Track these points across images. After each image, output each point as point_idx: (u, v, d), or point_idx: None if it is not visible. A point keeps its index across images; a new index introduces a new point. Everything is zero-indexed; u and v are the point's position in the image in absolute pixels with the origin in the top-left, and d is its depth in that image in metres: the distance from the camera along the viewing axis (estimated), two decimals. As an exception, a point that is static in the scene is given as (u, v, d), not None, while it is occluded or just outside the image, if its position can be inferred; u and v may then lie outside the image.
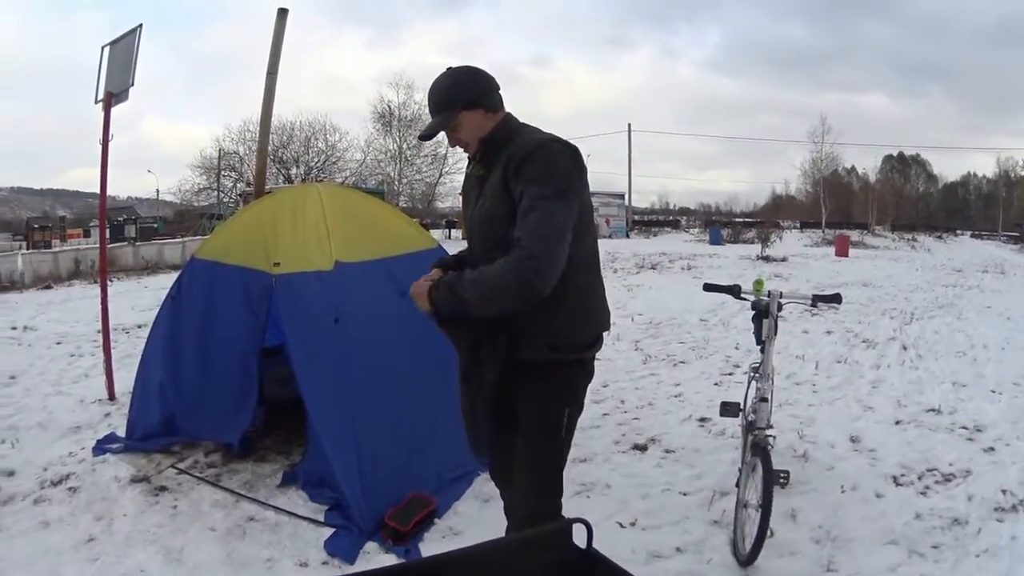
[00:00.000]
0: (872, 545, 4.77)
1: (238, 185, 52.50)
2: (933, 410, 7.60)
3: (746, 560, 4.41)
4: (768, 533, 4.30)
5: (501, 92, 3.38)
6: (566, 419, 3.29)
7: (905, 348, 11.02)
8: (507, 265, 2.93)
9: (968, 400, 8.02)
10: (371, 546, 4.74)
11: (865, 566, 4.52)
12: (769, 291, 5.17)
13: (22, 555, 4.69)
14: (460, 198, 3.82)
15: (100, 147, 7.87)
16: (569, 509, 3.21)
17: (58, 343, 11.45)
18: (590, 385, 3.41)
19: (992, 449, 6.48)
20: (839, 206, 74.86)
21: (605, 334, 3.45)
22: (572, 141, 3.19)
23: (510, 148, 3.18)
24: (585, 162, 3.24)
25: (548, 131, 3.31)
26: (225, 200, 51.98)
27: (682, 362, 10.17)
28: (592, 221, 3.40)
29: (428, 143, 57.85)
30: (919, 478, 5.86)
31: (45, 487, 5.69)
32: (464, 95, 3.26)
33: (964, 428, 7.05)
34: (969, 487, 5.65)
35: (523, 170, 3.05)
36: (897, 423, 7.24)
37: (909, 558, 4.62)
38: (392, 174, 59.69)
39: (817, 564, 4.56)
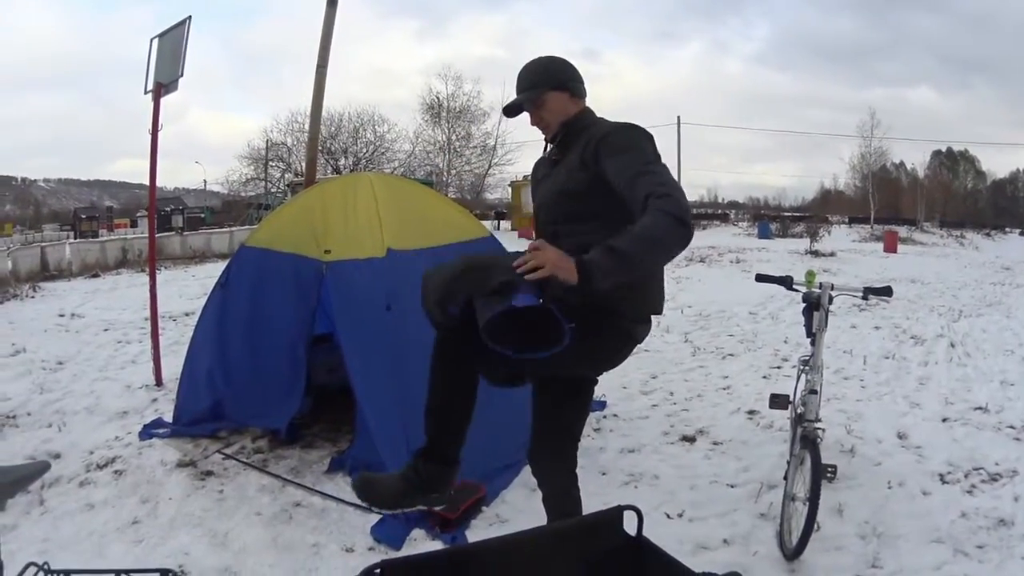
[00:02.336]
0: (917, 543, 4.72)
1: (286, 175, 52.79)
2: (980, 408, 7.51)
3: (792, 554, 4.38)
4: (815, 527, 4.27)
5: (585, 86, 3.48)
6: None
7: (953, 345, 10.88)
8: (659, 211, 2.72)
9: (1016, 399, 7.89)
10: (418, 532, 4.76)
11: (910, 563, 4.47)
12: (820, 283, 5.13)
13: (67, 536, 4.74)
14: (509, 189, 3.82)
15: (149, 137, 7.95)
16: (617, 498, 3.19)
17: (105, 330, 11.60)
18: (639, 376, 3.41)
19: (1040, 450, 6.35)
20: (887, 202, 74.15)
21: (655, 319, 3.44)
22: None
23: (588, 133, 3.23)
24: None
25: None
26: (273, 190, 52.26)
27: (731, 355, 10.14)
28: None
29: (477, 134, 57.78)
30: (965, 476, 5.79)
31: (91, 470, 5.76)
32: (554, 76, 3.39)
33: (1011, 427, 6.94)
34: (1016, 488, 5.56)
35: (609, 144, 3.09)
36: (944, 420, 7.15)
37: (954, 557, 4.55)
38: (441, 165, 59.86)
39: (863, 560, 4.52)
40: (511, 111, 3.50)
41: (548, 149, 3.54)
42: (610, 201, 3.02)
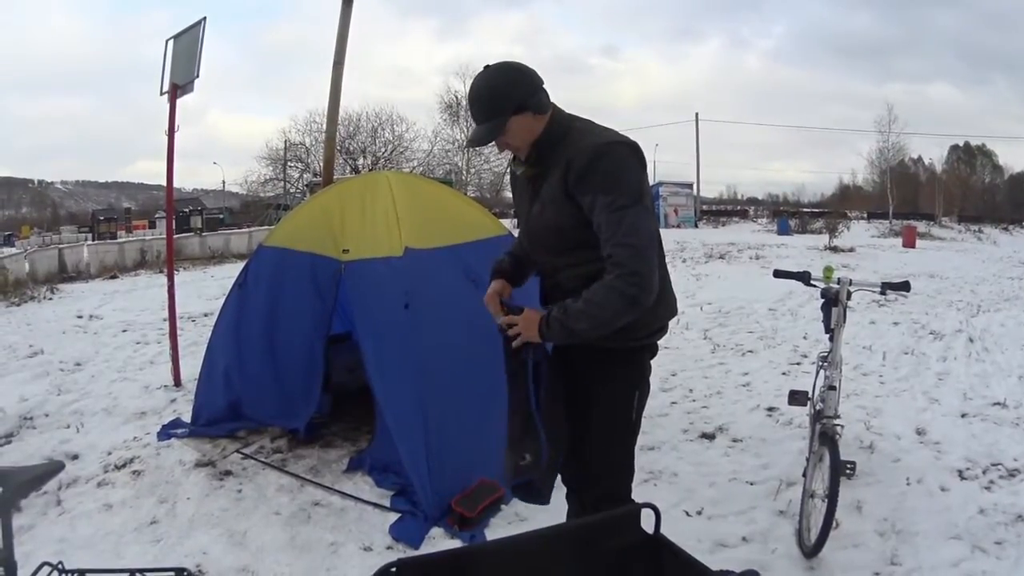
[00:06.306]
0: (936, 539, 4.70)
1: (304, 176, 52.88)
2: (999, 404, 7.47)
3: (811, 551, 4.37)
4: (833, 524, 4.26)
5: (546, 86, 3.18)
6: (636, 401, 3.27)
7: (972, 340, 10.82)
8: (612, 288, 2.89)
9: (1034, 395, 7.85)
10: (436, 531, 4.76)
11: (928, 560, 4.46)
12: (839, 278, 5.12)
13: (84, 536, 4.77)
14: None
15: (166, 138, 7.97)
16: (636, 496, 3.20)
17: (124, 331, 11.65)
18: (658, 373, 3.37)
19: (1058, 445, 6.32)
20: (906, 197, 73.62)
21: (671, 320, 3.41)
22: (640, 131, 3.15)
23: (566, 150, 3.07)
24: (644, 153, 3.15)
25: (607, 125, 3.22)
26: (292, 191, 52.35)
27: (750, 351, 10.13)
28: (653, 208, 3.24)
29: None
30: (984, 472, 5.78)
31: (109, 470, 5.79)
32: (511, 100, 3.07)
33: (1030, 423, 6.91)
34: (1034, 484, 5.56)
35: (589, 179, 2.97)
36: (963, 416, 7.12)
37: (972, 554, 4.55)
38: (460, 164, 59.83)
39: (881, 557, 4.51)
40: (476, 143, 3.23)
41: (517, 164, 3.31)
42: None
